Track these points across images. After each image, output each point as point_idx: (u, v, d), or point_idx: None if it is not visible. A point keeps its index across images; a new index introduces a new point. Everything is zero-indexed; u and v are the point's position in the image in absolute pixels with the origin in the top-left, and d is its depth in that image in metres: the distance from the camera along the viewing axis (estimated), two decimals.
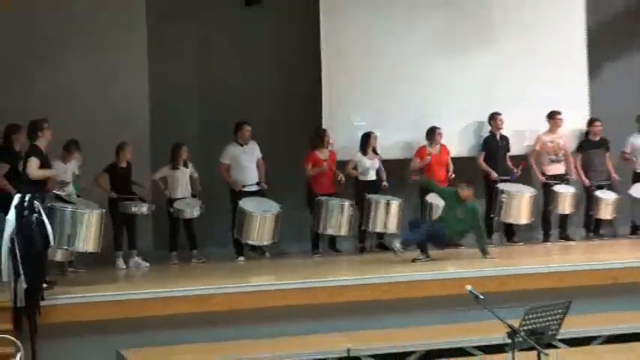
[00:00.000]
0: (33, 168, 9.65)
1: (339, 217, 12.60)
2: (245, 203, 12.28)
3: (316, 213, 12.64)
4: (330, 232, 12.72)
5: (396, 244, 11.63)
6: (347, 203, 12.65)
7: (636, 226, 13.93)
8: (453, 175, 13.32)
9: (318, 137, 13.00)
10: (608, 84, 14.69)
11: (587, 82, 14.34)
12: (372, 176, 13.17)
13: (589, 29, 14.37)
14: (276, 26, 13.58)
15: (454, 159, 13.61)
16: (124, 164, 12.17)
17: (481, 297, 6.66)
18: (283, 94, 13.60)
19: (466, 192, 11.78)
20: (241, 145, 12.76)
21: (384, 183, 13.18)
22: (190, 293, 9.45)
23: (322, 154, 12.99)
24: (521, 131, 14.01)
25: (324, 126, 13.22)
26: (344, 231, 12.70)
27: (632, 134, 14.13)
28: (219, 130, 13.11)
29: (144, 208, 12.00)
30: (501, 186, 13.26)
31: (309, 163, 12.91)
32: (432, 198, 12.84)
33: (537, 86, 14.01)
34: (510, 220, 13.32)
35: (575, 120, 14.06)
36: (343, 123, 13.43)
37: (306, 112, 13.41)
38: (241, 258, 12.53)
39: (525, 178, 13.69)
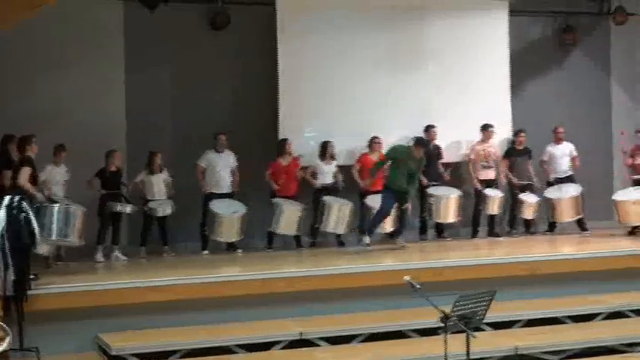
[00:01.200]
0: (23, 177, 9.62)
1: (291, 219, 12.53)
2: (215, 205, 12.27)
3: (272, 214, 12.59)
4: (280, 232, 12.66)
5: (365, 240, 11.76)
6: (299, 207, 12.61)
7: (552, 223, 14.04)
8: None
9: (280, 146, 13.00)
10: (528, 100, 14.82)
11: (510, 98, 14.42)
12: (328, 179, 13.16)
13: (512, 52, 14.47)
14: (240, 48, 13.50)
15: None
16: (113, 168, 12.15)
17: (418, 286, 6.66)
18: (246, 107, 13.51)
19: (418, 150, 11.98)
20: (218, 152, 12.73)
21: (341, 184, 13.15)
22: (160, 284, 9.36)
23: (285, 161, 12.97)
24: (456, 142, 14.08)
25: (280, 136, 13.18)
26: (294, 230, 12.65)
27: (550, 144, 14.25)
28: (189, 139, 13.07)
29: (128, 208, 11.95)
30: (430, 190, 13.33)
31: (271, 169, 12.89)
32: (370, 200, 12.85)
33: (467, 102, 14.07)
34: (439, 220, 13.42)
35: (499, 131, 14.14)
36: (297, 133, 13.36)
37: (266, 124, 13.32)
38: (206, 251, 12.49)
39: (461, 182, 13.78)
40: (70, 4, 11.60)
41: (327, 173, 13.17)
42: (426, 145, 12.56)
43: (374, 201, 12.70)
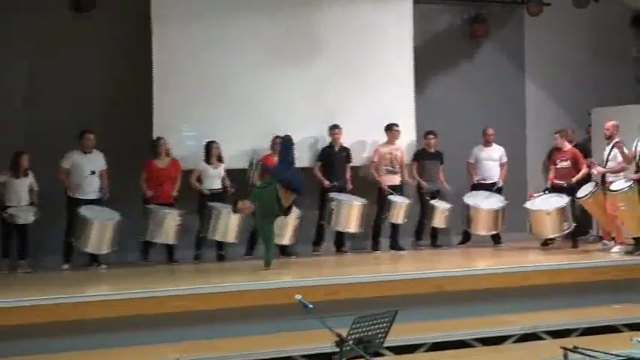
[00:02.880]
0: None
1: (169, 226, 12.37)
2: (85, 210, 12.06)
3: (146, 221, 12.42)
4: (157, 240, 12.48)
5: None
6: (175, 212, 12.46)
7: (467, 234, 14.19)
8: None
9: (155, 146, 12.83)
10: (434, 98, 14.96)
11: (413, 96, 14.50)
12: (217, 185, 13.02)
13: (416, 45, 14.56)
14: (108, 35, 13.25)
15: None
16: None
17: (310, 306, 6.60)
18: (115, 102, 13.25)
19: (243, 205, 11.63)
20: (84, 152, 12.51)
21: (231, 190, 13.03)
22: (7, 305, 9.07)
23: (161, 163, 12.81)
24: (358, 142, 14.11)
25: (154, 135, 12.98)
26: (172, 239, 12.47)
27: (477, 146, 14.43)
28: (49, 138, 12.77)
29: None
30: (332, 194, 13.30)
31: (145, 172, 12.71)
32: None
33: (366, 99, 14.12)
34: (339, 228, 13.38)
35: (403, 133, 14.19)
36: (173, 132, 13.20)
37: (139, 122, 13.09)
38: (66, 266, 12.27)
39: (364, 188, 13.78)
40: None
41: (214, 178, 13.04)
42: None
43: None
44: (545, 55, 15.80)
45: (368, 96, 14.14)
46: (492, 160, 14.35)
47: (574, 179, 13.46)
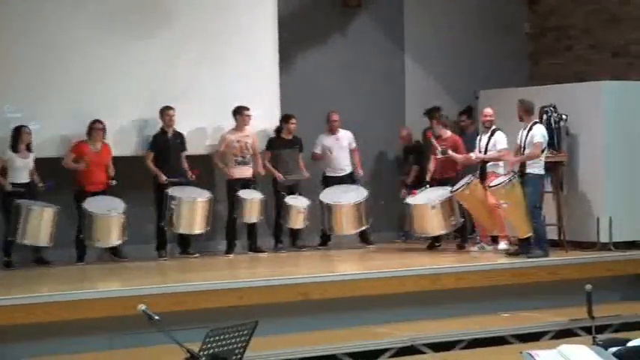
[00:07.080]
0: None
1: None
2: None
3: None
4: None
5: None
6: None
7: (327, 235, 14.35)
8: (115, 182, 13.20)
9: None
10: (301, 78, 15.00)
11: (278, 75, 14.55)
12: (25, 178, 12.84)
13: (280, 15, 14.58)
14: None
15: (118, 158, 13.42)
16: None
17: (156, 317, 6.59)
18: None
19: None
20: None
21: (40, 185, 12.86)
22: None
23: None
24: (202, 128, 14.12)
25: None
26: None
27: (322, 134, 14.57)
28: None
29: None
30: (171, 191, 13.21)
31: None
32: (89, 204, 12.70)
33: (220, 78, 14.11)
34: (182, 231, 13.32)
35: (265, 117, 14.26)
36: None
37: None
38: None
39: (207, 182, 13.81)
40: None
41: (21, 169, 12.86)
42: None
43: (91, 205, 12.59)
44: (428, 28, 16.00)
45: (222, 75, 14.08)
46: (341, 148, 14.52)
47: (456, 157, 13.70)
